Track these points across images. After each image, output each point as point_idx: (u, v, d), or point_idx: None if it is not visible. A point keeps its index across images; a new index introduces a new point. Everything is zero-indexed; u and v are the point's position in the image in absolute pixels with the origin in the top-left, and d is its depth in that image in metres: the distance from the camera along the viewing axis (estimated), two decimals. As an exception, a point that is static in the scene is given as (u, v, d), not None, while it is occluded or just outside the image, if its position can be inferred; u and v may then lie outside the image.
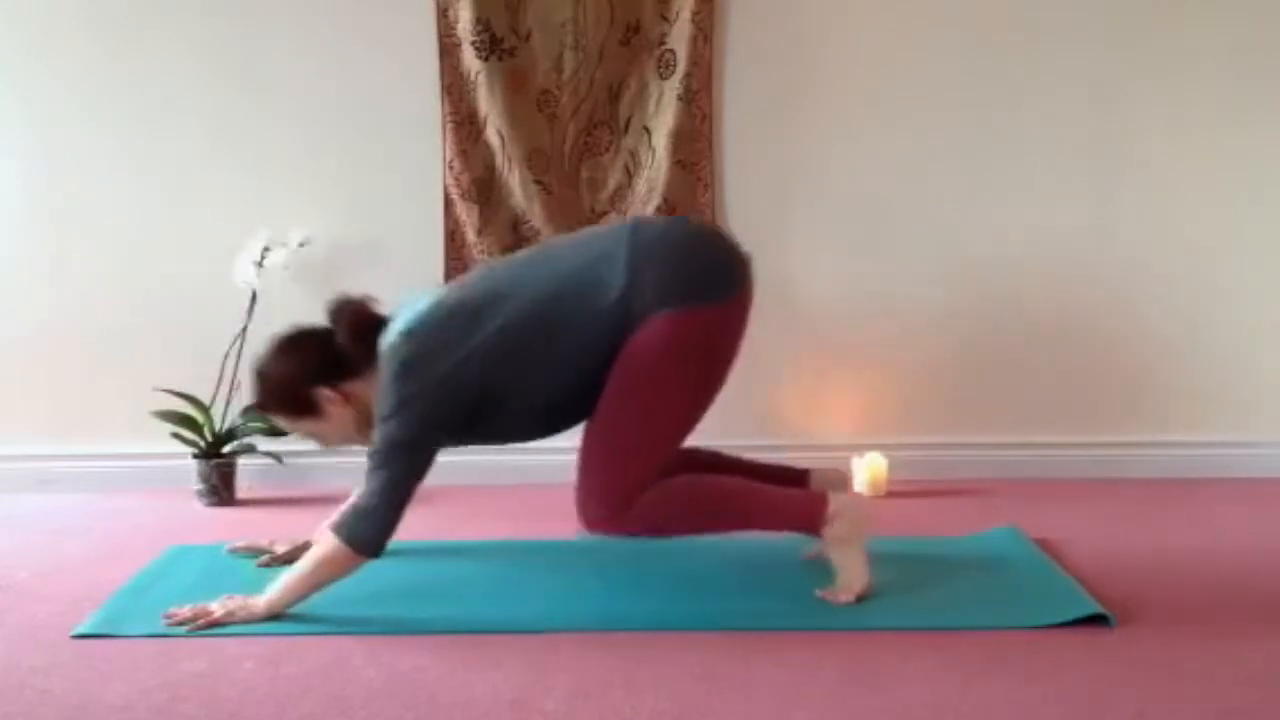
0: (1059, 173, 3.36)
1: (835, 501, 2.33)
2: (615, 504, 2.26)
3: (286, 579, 2.23)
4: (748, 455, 3.35)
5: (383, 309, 2.34)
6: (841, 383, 3.39)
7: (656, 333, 2.19)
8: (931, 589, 2.37)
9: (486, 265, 2.36)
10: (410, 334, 2.22)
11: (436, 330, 2.22)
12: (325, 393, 2.28)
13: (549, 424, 2.36)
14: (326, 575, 2.21)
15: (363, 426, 2.30)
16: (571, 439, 2.51)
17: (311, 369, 2.30)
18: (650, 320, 2.19)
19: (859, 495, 2.35)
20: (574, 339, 2.22)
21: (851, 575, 2.31)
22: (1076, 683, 1.91)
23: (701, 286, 2.22)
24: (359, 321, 2.30)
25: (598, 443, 2.27)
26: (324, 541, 2.23)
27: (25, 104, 3.29)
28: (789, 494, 2.40)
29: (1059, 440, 3.43)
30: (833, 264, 3.38)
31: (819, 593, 2.32)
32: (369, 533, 2.17)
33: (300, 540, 2.58)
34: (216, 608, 2.19)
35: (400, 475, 2.18)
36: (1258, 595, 2.36)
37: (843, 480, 2.52)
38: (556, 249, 2.35)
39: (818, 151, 3.34)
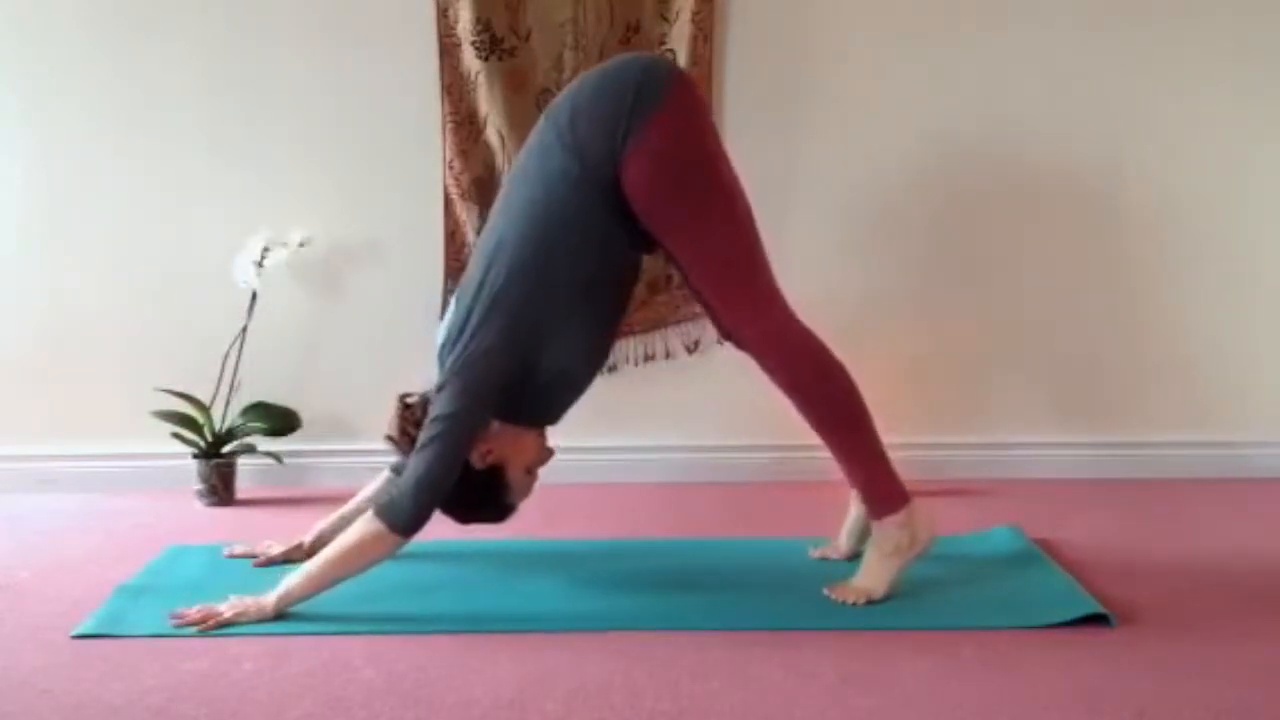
0: (1061, 172, 3.35)
1: (915, 511, 2.34)
2: (761, 313, 2.32)
3: (306, 569, 2.23)
4: (747, 455, 3.38)
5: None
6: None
7: (638, 174, 2.20)
8: (931, 589, 2.37)
9: (478, 241, 2.40)
10: (445, 340, 2.32)
11: (456, 317, 2.30)
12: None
13: (605, 333, 2.37)
14: (359, 558, 2.22)
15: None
16: (568, 439, 2.51)
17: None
18: (624, 169, 2.20)
19: (932, 524, 2.38)
20: (576, 244, 2.23)
21: (875, 582, 2.30)
22: (1076, 683, 1.91)
23: (633, 110, 2.20)
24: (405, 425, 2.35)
25: (706, 284, 2.32)
26: (359, 525, 2.23)
27: (25, 104, 3.29)
28: (893, 469, 2.38)
29: (1059, 440, 3.43)
30: (832, 263, 3.37)
31: (827, 589, 2.32)
32: (410, 514, 2.19)
33: (294, 541, 2.58)
34: (225, 608, 2.19)
35: (441, 454, 2.19)
36: (1257, 595, 2.36)
37: None
38: (510, 184, 2.36)
39: (818, 151, 3.34)
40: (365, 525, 2.21)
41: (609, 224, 2.24)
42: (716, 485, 3.33)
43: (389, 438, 2.36)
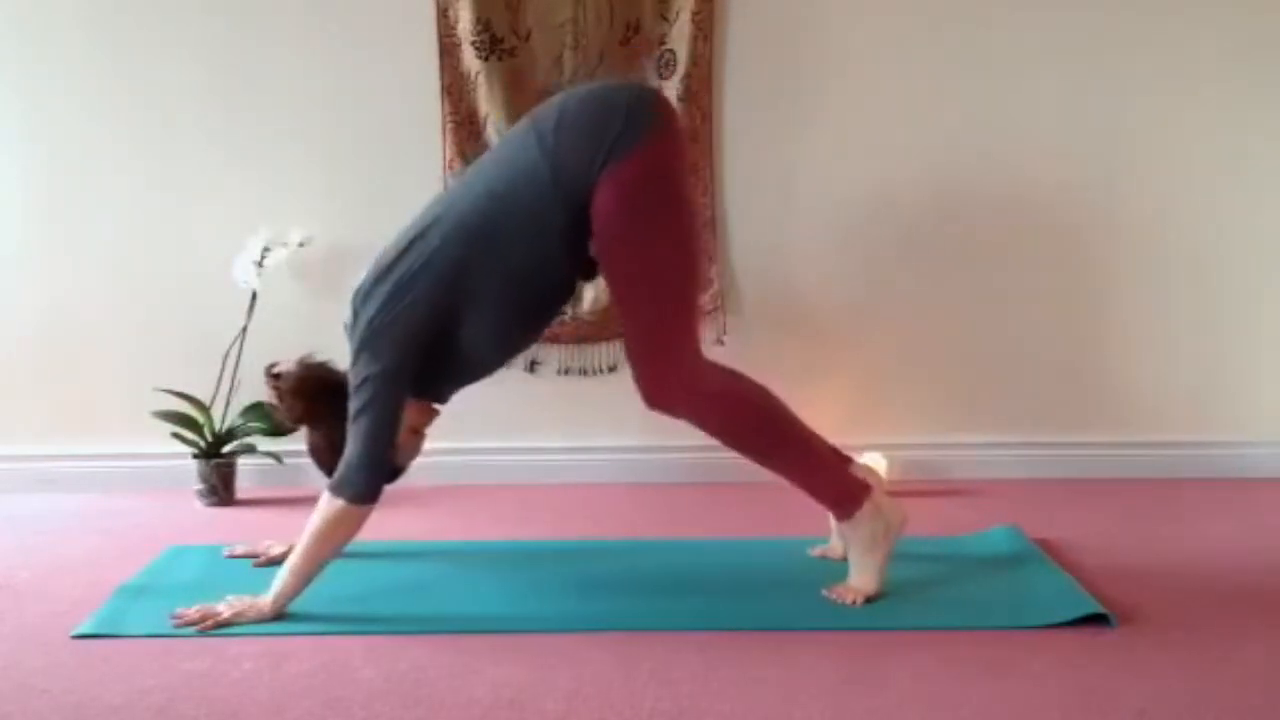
0: (1061, 169, 3.35)
1: (879, 500, 2.33)
2: (669, 373, 2.26)
3: (290, 564, 2.23)
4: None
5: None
6: (841, 382, 3.39)
7: (607, 200, 2.17)
8: (931, 589, 2.37)
9: (423, 206, 2.40)
10: (360, 287, 2.30)
11: (377, 271, 2.28)
12: None
13: (522, 330, 2.36)
14: (333, 539, 2.22)
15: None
16: (570, 438, 2.51)
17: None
18: (596, 191, 2.17)
19: (901, 505, 2.37)
20: (520, 239, 2.21)
21: (866, 579, 2.31)
22: (1076, 683, 1.91)
23: (619, 134, 2.18)
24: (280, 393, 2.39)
25: (629, 327, 2.27)
26: (321, 509, 2.23)
27: (25, 104, 3.29)
28: (840, 466, 2.38)
29: (1059, 440, 3.43)
30: (830, 263, 3.37)
31: (825, 591, 2.32)
32: (365, 481, 2.19)
33: (294, 541, 2.58)
34: (224, 608, 2.19)
35: (377, 414, 2.20)
36: (1257, 595, 2.36)
37: (877, 480, 2.45)
38: (477, 168, 2.35)
39: (818, 151, 3.34)
40: (326, 505, 2.22)
41: (560, 231, 2.21)
42: (717, 485, 3.33)
43: (271, 405, 2.40)
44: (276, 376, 2.39)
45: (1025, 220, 3.38)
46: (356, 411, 2.22)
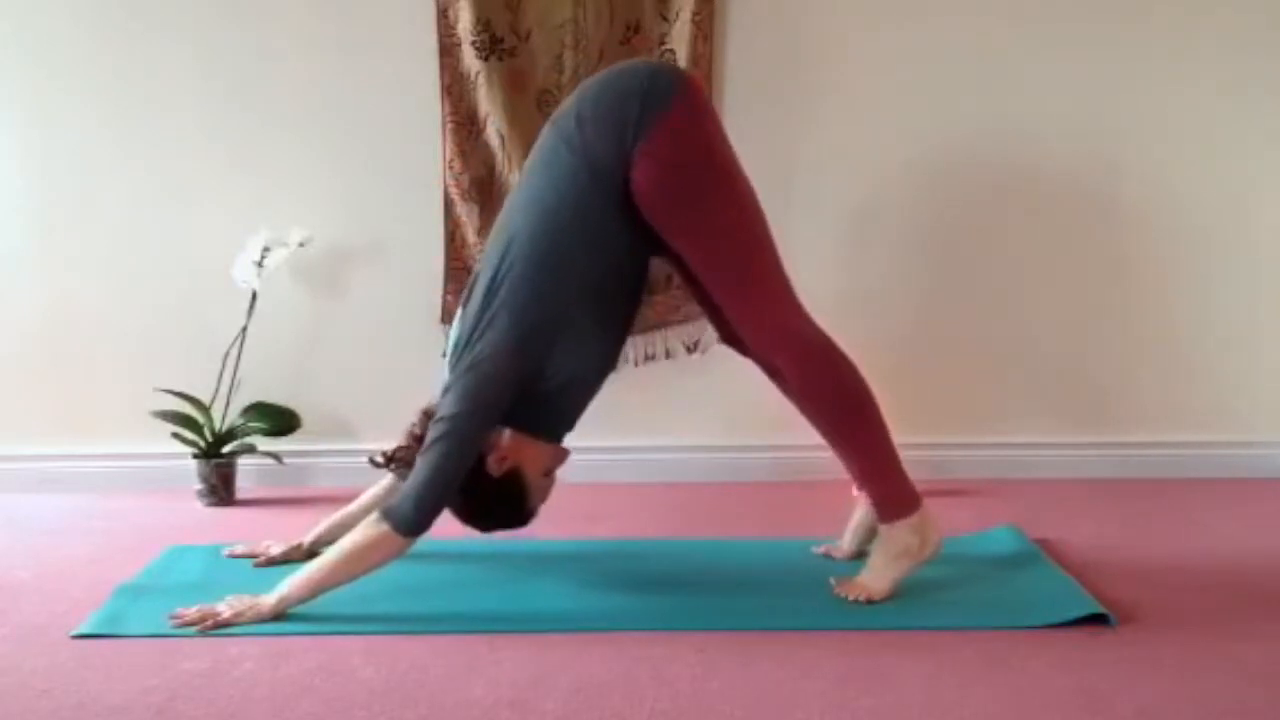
0: (1066, 169, 3.35)
1: (926, 515, 2.34)
2: (770, 309, 2.30)
3: (307, 573, 2.22)
4: (747, 455, 3.39)
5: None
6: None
7: (647, 177, 2.19)
8: (931, 589, 2.37)
9: (484, 250, 2.38)
10: (456, 343, 2.30)
11: (464, 325, 2.28)
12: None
13: (612, 340, 2.36)
14: (363, 560, 2.20)
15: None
16: (567, 439, 2.51)
17: None
18: (633, 172, 2.19)
19: (940, 530, 2.39)
20: (582, 250, 2.22)
21: (880, 583, 2.30)
22: (1076, 683, 1.91)
23: (641, 110, 2.20)
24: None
25: (718, 286, 2.29)
26: (363, 527, 2.21)
27: (25, 104, 3.29)
28: (902, 465, 2.38)
29: (1059, 440, 3.43)
30: (832, 261, 3.37)
31: (833, 580, 2.33)
32: (414, 514, 2.17)
33: (294, 541, 2.58)
34: (224, 608, 2.18)
35: (445, 452, 2.18)
36: (1258, 595, 2.36)
37: None
38: (515, 193, 2.35)
39: (817, 150, 3.34)
40: (370, 527, 2.20)
41: (617, 225, 2.24)
42: (717, 485, 3.33)
43: (400, 475, 2.36)
44: (393, 459, 2.35)
45: (1028, 221, 3.38)
46: (427, 445, 2.19)
